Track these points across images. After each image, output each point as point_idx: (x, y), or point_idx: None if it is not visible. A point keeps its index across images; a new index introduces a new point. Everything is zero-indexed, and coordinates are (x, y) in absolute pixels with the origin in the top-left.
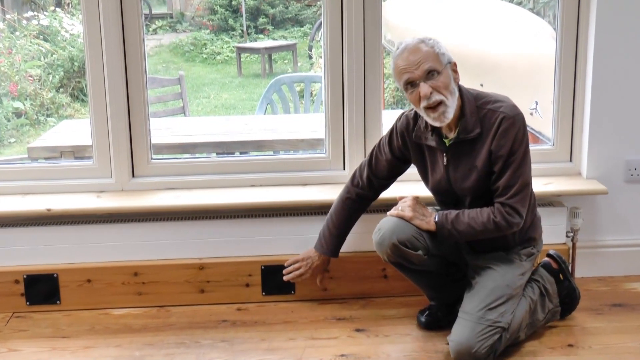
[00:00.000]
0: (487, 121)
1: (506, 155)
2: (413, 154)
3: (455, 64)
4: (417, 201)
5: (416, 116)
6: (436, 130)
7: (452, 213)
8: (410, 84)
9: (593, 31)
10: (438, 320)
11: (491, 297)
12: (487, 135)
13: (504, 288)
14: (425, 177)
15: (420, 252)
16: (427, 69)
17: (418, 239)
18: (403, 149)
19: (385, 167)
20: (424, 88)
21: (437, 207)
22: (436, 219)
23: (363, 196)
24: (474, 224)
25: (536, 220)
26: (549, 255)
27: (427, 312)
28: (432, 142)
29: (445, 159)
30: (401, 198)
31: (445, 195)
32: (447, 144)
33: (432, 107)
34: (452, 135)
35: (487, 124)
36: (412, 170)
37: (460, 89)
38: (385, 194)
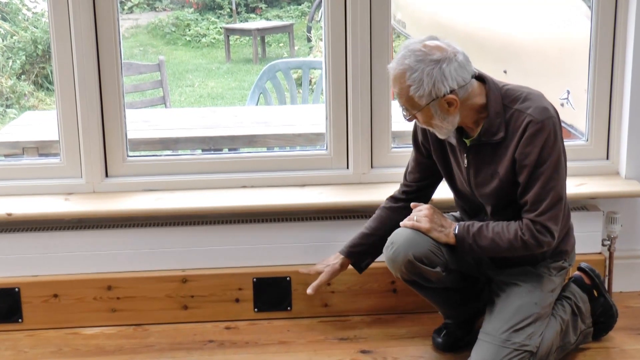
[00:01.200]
0: (512, 124)
1: (533, 166)
2: (434, 150)
3: (451, 98)
4: (435, 210)
5: None
6: (459, 127)
7: (475, 225)
8: None
9: (634, 9)
10: (457, 340)
11: (517, 316)
12: (511, 140)
13: (532, 306)
14: (449, 176)
15: (438, 268)
16: (402, 105)
17: (436, 253)
18: (425, 144)
19: (414, 167)
20: (404, 113)
21: (455, 214)
22: (456, 232)
23: (397, 209)
24: (499, 241)
25: (569, 231)
26: (580, 269)
27: (444, 332)
28: (452, 139)
29: (465, 161)
30: (415, 206)
31: (467, 201)
32: (468, 144)
33: None
34: (474, 134)
35: (512, 127)
36: None
37: (486, 81)
38: None
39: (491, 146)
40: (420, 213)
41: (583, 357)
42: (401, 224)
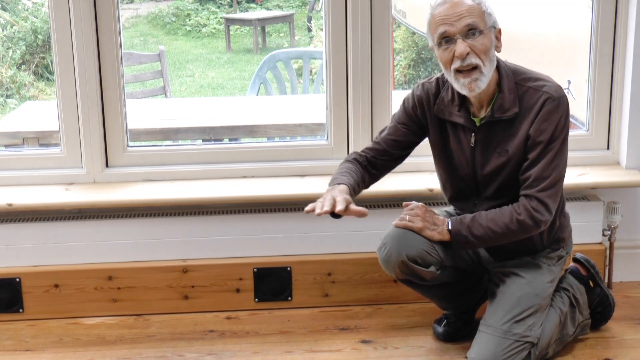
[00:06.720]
0: (526, 101)
1: (546, 142)
2: (432, 129)
3: (500, 31)
4: (427, 209)
5: (438, 86)
6: (464, 106)
7: (467, 217)
8: (446, 39)
9: None
10: (457, 330)
11: (518, 308)
12: (525, 116)
13: (533, 297)
14: (441, 158)
15: (432, 268)
16: (469, 24)
17: (430, 252)
18: (420, 116)
19: (394, 131)
20: (461, 46)
21: (448, 210)
22: (449, 227)
23: (365, 164)
24: (494, 227)
25: (564, 221)
26: (575, 260)
27: (444, 322)
28: (458, 118)
29: (473, 140)
30: (407, 205)
31: (463, 183)
32: (478, 124)
33: (465, 71)
34: (483, 113)
35: (526, 104)
36: (425, 160)
37: (497, 60)
38: (393, 187)
39: (503, 123)
40: (412, 212)
41: (584, 347)
42: (393, 223)
